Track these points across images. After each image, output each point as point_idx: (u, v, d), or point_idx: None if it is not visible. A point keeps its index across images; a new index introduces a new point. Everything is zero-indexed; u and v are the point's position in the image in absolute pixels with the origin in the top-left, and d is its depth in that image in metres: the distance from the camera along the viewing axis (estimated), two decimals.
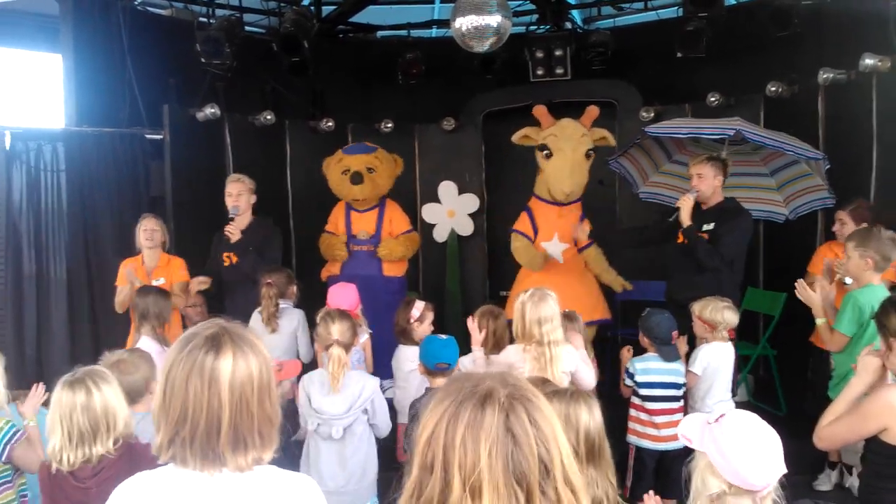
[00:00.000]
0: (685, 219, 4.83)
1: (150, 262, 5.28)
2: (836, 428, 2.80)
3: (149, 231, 5.25)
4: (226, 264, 5.37)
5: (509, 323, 4.08)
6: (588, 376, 3.84)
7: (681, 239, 4.97)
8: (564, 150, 5.77)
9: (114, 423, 2.56)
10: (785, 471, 2.04)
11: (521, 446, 1.26)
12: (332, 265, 6.33)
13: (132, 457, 2.57)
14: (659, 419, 4.09)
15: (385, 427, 3.63)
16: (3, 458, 2.95)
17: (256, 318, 4.82)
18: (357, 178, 6.17)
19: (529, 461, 1.25)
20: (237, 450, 1.59)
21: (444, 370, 3.55)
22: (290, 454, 3.45)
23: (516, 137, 6.06)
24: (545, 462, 1.27)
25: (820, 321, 4.13)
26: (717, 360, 4.17)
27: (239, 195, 5.39)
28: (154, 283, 5.15)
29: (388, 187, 6.44)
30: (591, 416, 2.60)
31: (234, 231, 5.27)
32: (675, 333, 4.13)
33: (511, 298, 4.09)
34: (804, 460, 2.43)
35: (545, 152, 5.88)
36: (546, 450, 1.27)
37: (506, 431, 1.26)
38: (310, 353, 4.81)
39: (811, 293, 4.11)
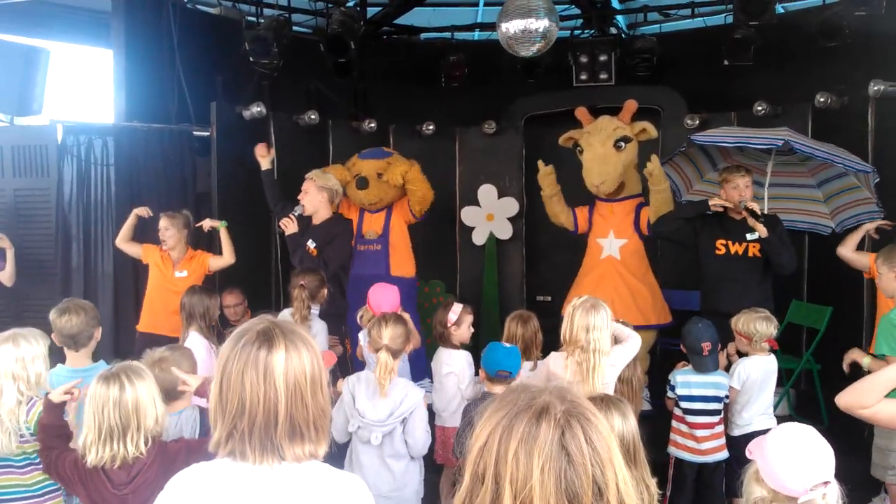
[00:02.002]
0: (762, 229, 4.81)
1: (176, 254, 5.45)
2: (872, 386, 2.48)
3: (161, 230, 5.40)
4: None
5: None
6: (625, 331, 3.75)
7: (721, 251, 4.95)
8: (593, 144, 5.78)
9: (144, 420, 2.57)
10: (829, 479, 2.04)
11: (575, 465, 1.24)
12: None
13: (165, 459, 2.59)
14: (699, 432, 4.06)
15: (419, 447, 3.47)
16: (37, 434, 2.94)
17: (286, 315, 4.81)
18: (362, 183, 6.17)
19: (583, 481, 1.23)
20: (294, 440, 1.62)
21: (504, 378, 3.52)
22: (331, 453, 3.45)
23: (562, 140, 6.07)
24: (599, 484, 1.24)
25: (866, 360, 4.05)
26: (757, 373, 4.11)
27: (305, 193, 5.54)
28: (177, 274, 5.37)
29: (398, 194, 6.37)
30: (626, 422, 2.64)
31: (287, 224, 5.44)
32: (706, 345, 4.05)
33: (568, 300, 4.08)
34: (850, 478, 2.39)
35: (578, 149, 5.88)
36: (601, 472, 1.25)
37: (560, 449, 1.24)
38: None
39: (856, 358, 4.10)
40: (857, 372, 6.02)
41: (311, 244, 5.45)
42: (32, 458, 3.05)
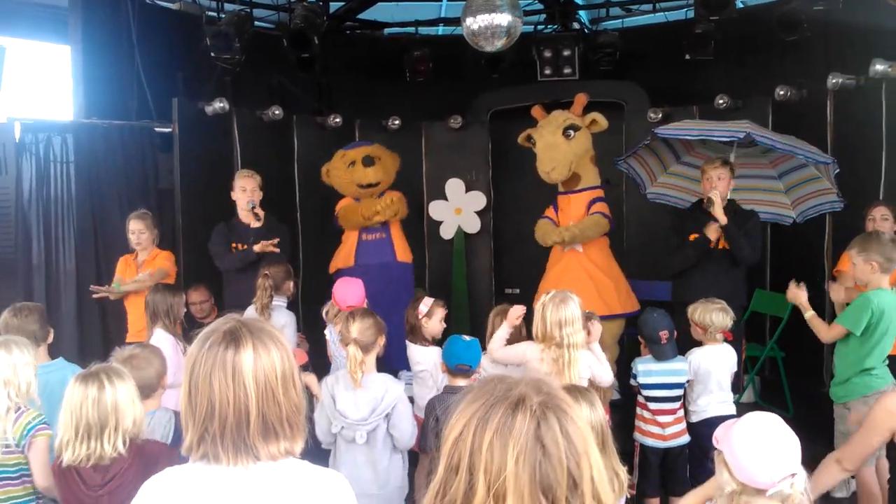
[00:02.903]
0: (721, 216, 4.88)
1: (142, 255, 5.38)
2: (853, 448, 2.84)
3: (135, 234, 5.31)
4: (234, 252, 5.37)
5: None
6: (604, 374, 3.86)
7: (712, 244, 5.01)
8: (544, 134, 5.81)
9: (122, 419, 2.54)
10: (796, 471, 2.07)
11: (550, 457, 1.23)
12: (340, 258, 6.30)
13: (144, 461, 2.56)
14: (662, 418, 4.12)
15: (406, 439, 3.44)
16: (25, 449, 2.92)
17: (251, 310, 4.76)
18: (369, 161, 6.13)
19: (558, 473, 1.22)
20: (268, 439, 1.59)
21: (464, 371, 3.55)
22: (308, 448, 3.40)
23: (520, 139, 6.08)
24: (574, 476, 1.24)
25: (808, 314, 4.25)
26: (707, 362, 4.17)
27: (254, 191, 5.41)
28: (140, 276, 5.27)
29: (391, 177, 6.34)
30: (594, 411, 2.69)
31: (260, 213, 5.32)
32: (663, 333, 4.09)
33: (538, 294, 4.09)
34: (813, 463, 2.46)
35: (531, 142, 5.92)
36: (577, 464, 1.24)
37: (535, 440, 1.23)
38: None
39: (796, 291, 4.31)
40: (819, 356, 6.15)
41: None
42: (25, 469, 2.99)
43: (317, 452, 3.24)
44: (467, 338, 3.67)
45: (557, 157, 5.75)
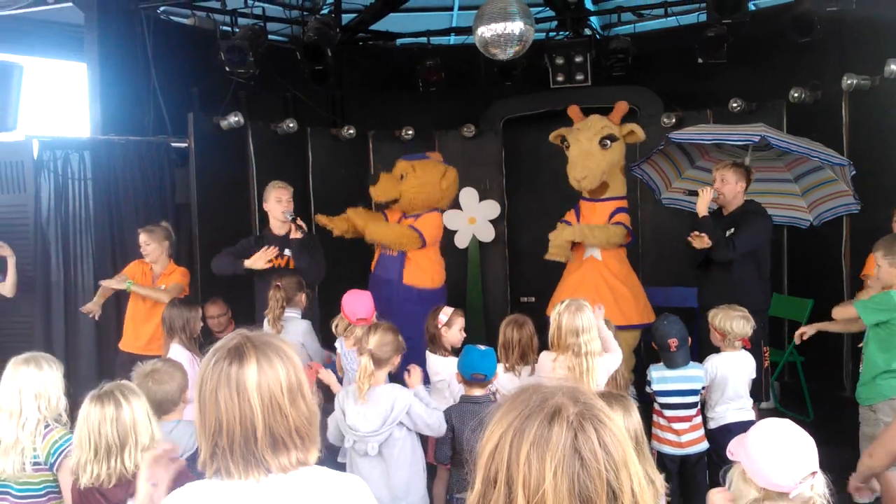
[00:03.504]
0: (702, 209, 4.85)
1: (157, 269, 5.43)
2: (882, 447, 2.82)
3: (142, 246, 5.36)
4: (272, 264, 5.32)
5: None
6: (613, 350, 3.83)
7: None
8: (580, 140, 5.79)
9: (141, 436, 2.57)
10: (815, 469, 2.06)
11: (588, 469, 1.20)
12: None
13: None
14: (677, 425, 4.10)
15: (437, 426, 3.48)
16: (55, 468, 2.95)
17: (265, 322, 4.81)
18: (373, 179, 6.16)
19: (596, 485, 1.20)
20: (277, 451, 1.61)
21: (480, 381, 3.55)
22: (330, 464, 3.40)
23: (552, 136, 6.06)
24: (613, 488, 1.22)
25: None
26: (725, 369, 4.15)
27: (289, 201, 5.43)
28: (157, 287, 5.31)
29: (419, 196, 6.27)
30: (630, 417, 2.67)
31: (303, 224, 5.34)
32: (672, 341, 4.07)
33: (553, 302, 4.08)
34: (835, 468, 2.44)
35: (566, 144, 5.91)
36: (615, 475, 1.22)
37: (573, 452, 1.21)
38: (320, 359, 4.84)
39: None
40: (839, 360, 6.10)
41: (287, 252, 5.38)
42: (52, 487, 3.03)
43: (332, 464, 3.25)
44: (482, 347, 3.67)
45: (591, 167, 5.74)
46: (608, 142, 5.75)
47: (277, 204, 5.40)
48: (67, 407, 3.12)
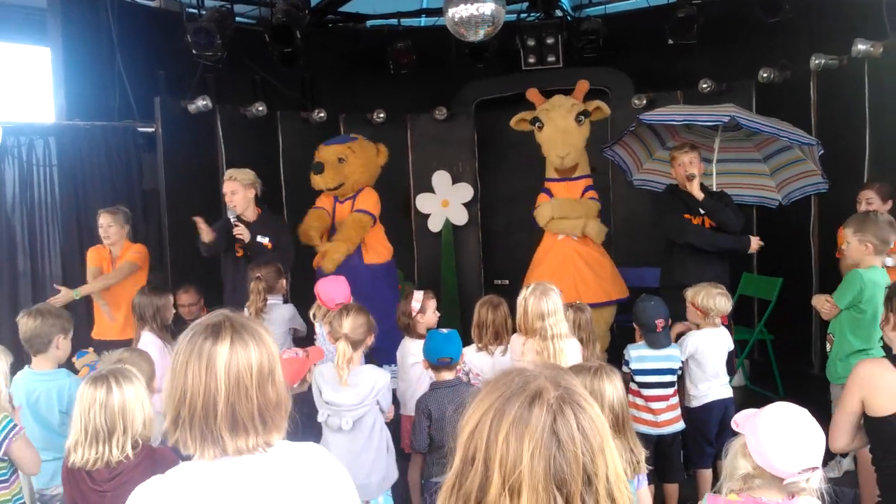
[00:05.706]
0: (699, 193, 4.92)
1: (115, 250, 5.34)
2: (835, 425, 2.84)
3: (103, 227, 5.27)
4: (238, 255, 5.30)
5: None
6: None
7: (696, 221, 5.02)
8: (555, 118, 5.84)
9: (131, 423, 2.55)
10: (817, 465, 2.07)
11: (565, 451, 1.21)
12: (317, 258, 6.23)
13: (153, 461, 2.56)
14: (655, 405, 4.11)
15: (385, 406, 3.57)
16: (2, 452, 2.93)
17: (246, 314, 4.76)
18: (318, 168, 5.99)
19: (572, 468, 1.22)
20: (236, 432, 1.61)
21: (447, 364, 3.55)
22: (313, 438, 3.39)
23: (513, 122, 6.07)
24: (589, 472, 1.23)
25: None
26: (705, 345, 4.19)
27: (233, 194, 5.32)
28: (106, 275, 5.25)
29: (363, 176, 6.12)
30: (615, 389, 2.68)
31: (242, 232, 5.23)
32: (659, 322, 4.09)
33: (526, 284, 4.10)
34: None
35: (538, 125, 5.92)
36: (591, 460, 1.23)
37: (552, 434, 1.22)
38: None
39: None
40: (808, 338, 6.19)
41: (264, 240, 5.32)
42: (3, 475, 3.01)
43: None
44: (445, 331, 3.67)
45: (572, 143, 5.83)
46: (582, 118, 5.83)
47: (227, 198, 5.34)
48: (10, 397, 3.11)
